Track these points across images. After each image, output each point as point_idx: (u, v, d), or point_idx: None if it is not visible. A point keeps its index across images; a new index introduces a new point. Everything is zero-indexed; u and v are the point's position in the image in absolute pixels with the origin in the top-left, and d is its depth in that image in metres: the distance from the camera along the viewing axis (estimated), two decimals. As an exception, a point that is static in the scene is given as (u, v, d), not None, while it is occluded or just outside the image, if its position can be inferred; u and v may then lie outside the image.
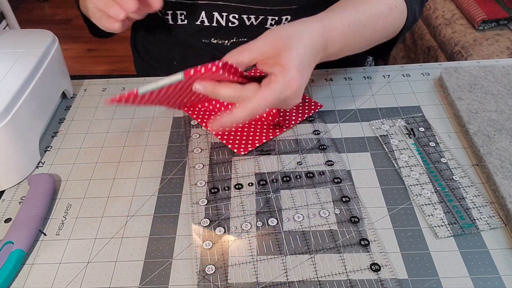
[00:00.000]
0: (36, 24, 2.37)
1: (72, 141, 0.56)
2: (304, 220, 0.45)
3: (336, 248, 0.43)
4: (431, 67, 0.64)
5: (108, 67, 2.11)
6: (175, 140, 0.55)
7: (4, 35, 0.60)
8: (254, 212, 0.46)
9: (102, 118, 0.59)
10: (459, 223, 0.44)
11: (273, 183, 0.49)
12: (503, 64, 0.61)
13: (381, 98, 0.59)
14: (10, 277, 0.41)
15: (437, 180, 0.48)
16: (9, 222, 0.47)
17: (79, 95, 0.64)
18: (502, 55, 1.14)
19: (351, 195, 0.47)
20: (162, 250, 0.44)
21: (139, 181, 0.50)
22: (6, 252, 0.42)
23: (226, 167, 0.51)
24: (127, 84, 0.65)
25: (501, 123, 0.52)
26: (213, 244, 0.44)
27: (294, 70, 0.46)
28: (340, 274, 0.41)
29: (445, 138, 0.53)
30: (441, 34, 1.32)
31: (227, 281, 0.41)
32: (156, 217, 0.47)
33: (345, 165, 0.51)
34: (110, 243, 0.45)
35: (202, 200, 0.48)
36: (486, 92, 0.56)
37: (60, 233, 0.46)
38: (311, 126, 0.55)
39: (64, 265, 0.43)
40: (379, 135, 0.54)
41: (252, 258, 0.42)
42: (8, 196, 0.50)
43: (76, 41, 2.21)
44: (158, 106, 0.57)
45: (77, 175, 0.52)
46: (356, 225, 0.44)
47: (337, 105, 0.59)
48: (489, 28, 1.24)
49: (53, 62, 0.57)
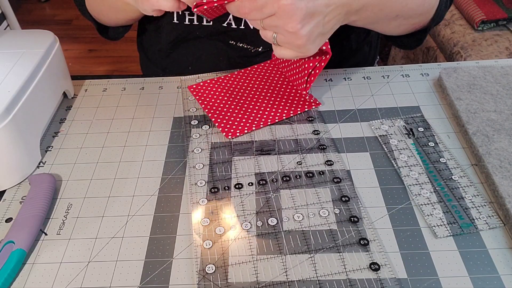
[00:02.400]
0: (37, 24, 2.38)
1: (72, 141, 0.57)
2: (304, 220, 0.45)
3: (336, 248, 0.43)
4: (430, 68, 0.64)
5: (109, 67, 2.11)
6: (175, 140, 0.55)
7: (5, 36, 0.60)
8: (254, 212, 0.46)
9: (103, 118, 0.60)
10: (458, 223, 0.44)
11: (273, 183, 0.49)
12: (502, 64, 0.61)
13: (381, 98, 0.59)
14: (11, 277, 0.41)
15: (436, 180, 0.48)
16: (10, 222, 0.47)
17: (80, 95, 0.64)
18: (501, 56, 1.14)
19: (351, 194, 0.47)
20: (163, 249, 0.44)
21: (139, 181, 0.51)
22: (7, 251, 0.42)
23: (226, 167, 0.51)
24: (127, 84, 0.65)
25: (500, 123, 0.52)
26: (213, 244, 0.44)
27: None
28: (340, 273, 0.41)
29: (444, 138, 0.53)
30: (440, 35, 1.33)
31: (227, 281, 0.41)
32: (157, 217, 0.47)
33: (344, 165, 0.51)
34: (110, 242, 0.45)
35: (202, 199, 0.48)
36: (485, 92, 0.56)
37: (61, 233, 0.46)
38: (310, 126, 0.56)
39: (64, 265, 0.43)
40: (378, 135, 0.54)
41: (252, 258, 0.42)
42: (9, 196, 0.50)
43: (76, 42, 2.21)
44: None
45: (78, 175, 0.52)
46: (355, 225, 0.44)
47: (337, 105, 0.59)
48: (488, 28, 1.24)
49: (54, 62, 0.57)
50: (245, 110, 0.58)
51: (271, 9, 0.46)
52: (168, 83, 0.65)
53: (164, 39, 0.72)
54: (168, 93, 0.63)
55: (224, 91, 0.61)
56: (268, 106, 0.58)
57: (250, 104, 0.59)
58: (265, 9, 0.46)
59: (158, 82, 0.65)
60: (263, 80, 0.63)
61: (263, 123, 0.56)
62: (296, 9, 0.46)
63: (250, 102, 0.59)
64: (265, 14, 0.47)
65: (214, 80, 0.63)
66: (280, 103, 0.59)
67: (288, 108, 0.58)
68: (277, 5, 0.45)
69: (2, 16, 1.63)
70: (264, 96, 0.60)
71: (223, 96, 0.60)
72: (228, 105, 0.59)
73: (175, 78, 0.65)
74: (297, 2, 0.45)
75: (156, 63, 0.77)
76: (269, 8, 0.46)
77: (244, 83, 0.62)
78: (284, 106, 0.58)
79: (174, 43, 0.71)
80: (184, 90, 0.63)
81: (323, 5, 0.48)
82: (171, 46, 0.72)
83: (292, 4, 0.45)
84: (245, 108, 0.58)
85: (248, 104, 0.59)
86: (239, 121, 0.56)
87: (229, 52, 0.68)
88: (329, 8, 0.48)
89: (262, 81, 0.63)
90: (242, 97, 0.60)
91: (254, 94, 0.60)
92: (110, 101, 0.62)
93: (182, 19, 0.68)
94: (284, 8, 0.45)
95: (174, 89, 0.64)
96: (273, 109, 0.58)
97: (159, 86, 0.64)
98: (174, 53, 0.73)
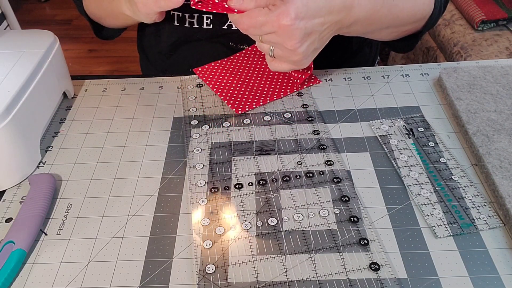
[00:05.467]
0: (37, 24, 2.38)
1: (72, 141, 0.57)
2: (304, 220, 0.45)
3: (336, 248, 0.43)
4: (430, 68, 0.64)
5: (109, 67, 2.11)
6: (175, 140, 0.55)
7: (5, 36, 0.60)
8: (254, 212, 0.46)
9: (103, 118, 0.60)
10: (458, 223, 0.44)
11: (273, 183, 0.49)
12: (502, 64, 0.61)
13: (381, 98, 0.59)
14: (11, 277, 0.41)
15: (436, 180, 0.48)
16: (10, 222, 0.47)
17: (80, 95, 0.64)
18: (501, 56, 1.14)
19: (351, 194, 0.47)
20: (163, 249, 0.44)
21: (139, 181, 0.51)
22: (7, 251, 0.42)
23: (226, 167, 0.51)
24: (127, 84, 0.65)
25: (500, 123, 0.52)
26: (213, 244, 0.44)
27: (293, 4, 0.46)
28: (340, 273, 0.41)
29: (444, 138, 0.53)
30: (440, 35, 1.33)
31: (227, 281, 0.41)
32: (157, 217, 0.47)
33: (344, 165, 0.51)
34: (110, 242, 0.45)
35: (202, 199, 0.48)
36: (485, 92, 0.56)
37: (61, 233, 0.46)
38: (310, 126, 0.56)
39: (64, 265, 0.43)
40: (378, 135, 0.54)
41: (252, 258, 0.42)
42: (9, 196, 0.50)
43: (76, 42, 2.21)
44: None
45: (78, 175, 0.52)
46: (355, 225, 0.44)
47: (337, 105, 0.59)
48: (488, 28, 1.24)
49: (54, 62, 0.57)
50: (251, 87, 0.61)
51: (271, 28, 0.47)
52: (168, 83, 0.65)
53: (164, 42, 0.72)
54: (168, 93, 0.63)
55: (230, 71, 0.64)
56: (273, 82, 0.61)
57: (256, 81, 0.62)
58: (264, 27, 0.47)
59: (158, 82, 0.65)
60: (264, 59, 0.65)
61: (269, 98, 0.59)
62: (296, 29, 0.47)
63: (256, 79, 0.62)
64: (263, 32, 0.48)
65: (218, 62, 0.66)
66: (283, 79, 0.62)
67: (292, 84, 0.61)
68: (277, 24, 0.47)
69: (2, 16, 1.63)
70: (268, 73, 0.63)
71: (229, 75, 0.63)
72: (235, 83, 0.62)
73: (175, 78, 0.65)
74: (296, 22, 0.46)
75: (156, 65, 0.77)
76: (269, 27, 0.47)
77: (248, 62, 0.65)
78: (287, 82, 0.61)
79: (174, 46, 0.71)
80: (184, 90, 0.63)
81: (319, 24, 0.49)
82: (171, 48, 0.72)
83: (292, 25, 0.46)
84: (251, 84, 0.61)
85: (254, 81, 0.62)
86: (247, 97, 0.59)
87: (229, 54, 0.68)
88: (324, 27, 0.50)
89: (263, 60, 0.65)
90: (247, 74, 0.63)
91: (258, 71, 0.63)
92: (110, 101, 0.62)
93: (183, 22, 0.68)
94: (285, 28, 0.47)
95: (174, 89, 0.64)
96: (277, 84, 0.61)
97: (159, 86, 0.64)
98: (174, 55, 0.73)
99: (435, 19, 0.63)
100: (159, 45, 0.73)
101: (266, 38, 0.50)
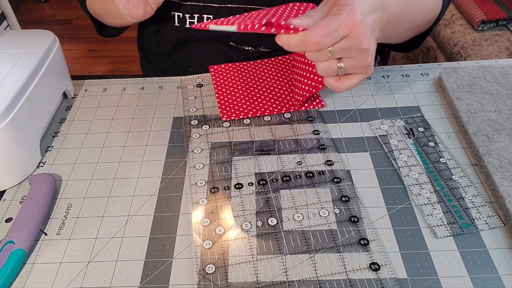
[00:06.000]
0: (37, 24, 2.38)
1: (72, 141, 0.57)
2: (304, 220, 0.45)
3: (336, 248, 0.43)
4: (430, 68, 0.64)
5: (109, 67, 2.11)
6: (175, 140, 0.55)
7: (5, 36, 0.60)
8: (254, 212, 0.46)
9: (103, 118, 0.60)
10: (458, 223, 0.44)
11: (273, 183, 0.49)
12: (502, 64, 0.61)
13: (381, 98, 0.59)
14: (11, 277, 0.41)
15: (436, 180, 0.48)
16: (10, 222, 0.47)
17: (80, 95, 0.64)
18: (501, 56, 1.14)
19: (351, 194, 0.47)
20: (163, 249, 0.44)
21: (139, 181, 0.51)
22: (7, 251, 0.42)
23: (226, 167, 0.51)
24: (127, 84, 0.65)
25: (500, 123, 0.52)
26: (213, 244, 0.44)
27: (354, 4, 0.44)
28: (340, 273, 0.41)
29: (444, 138, 0.53)
30: (440, 35, 1.32)
31: (227, 281, 0.41)
32: (156, 217, 0.47)
33: (344, 165, 0.51)
34: (110, 242, 0.45)
35: (202, 199, 0.48)
36: (485, 92, 0.56)
37: (61, 233, 0.46)
38: (311, 126, 0.56)
39: (64, 265, 0.43)
40: (378, 135, 0.54)
41: (252, 258, 0.42)
42: (9, 196, 0.50)
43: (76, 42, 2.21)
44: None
45: (78, 175, 0.52)
46: (355, 225, 0.44)
47: (337, 105, 0.59)
48: (488, 28, 1.24)
49: (54, 62, 0.57)
50: (251, 97, 0.60)
51: (345, 31, 0.44)
52: (168, 83, 0.65)
53: (165, 42, 0.72)
54: (168, 93, 0.63)
55: (240, 76, 0.63)
56: (274, 97, 0.60)
57: (259, 92, 0.61)
58: (337, 32, 0.44)
59: (158, 82, 0.65)
60: (278, 72, 0.64)
61: (261, 112, 0.58)
62: (367, 25, 0.45)
63: (260, 90, 0.61)
64: (337, 38, 0.45)
65: (235, 64, 0.66)
66: (285, 97, 0.60)
67: (290, 104, 0.59)
68: (351, 24, 0.44)
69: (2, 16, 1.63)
70: (275, 88, 0.62)
71: (237, 80, 0.63)
72: (238, 89, 0.61)
73: (175, 78, 0.65)
74: (366, 18, 0.45)
75: (157, 65, 0.77)
76: (342, 30, 0.44)
77: (262, 72, 0.64)
78: (289, 100, 0.59)
79: (174, 46, 0.71)
80: (184, 90, 0.63)
81: (374, 20, 0.47)
82: (172, 48, 0.72)
83: (363, 20, 0.44)
84: (252, 95, 0.60)
85: (257, 92, 0.61)
86: (241, 105, 0.58)
87: (230, 54, 0.68)
88: (375, 23, 0.48)
89: (276, 73, 0.64)
90: (253, 84, 0.62)
91: (264, 83, 0.62)
92: (110, 101, 0.62)
93: (183, 23, 0.68)
94: (358, 26, 0.44)
95: (174, 89, 0.64)
96: (277, 101, 0.59)
97: (159, 86, 0.64)
98: (174, 55, 0.73)
99: (441, 17, 0.63)
100: (159, 45, 0.73)
101: (338, 47, 0.46)
